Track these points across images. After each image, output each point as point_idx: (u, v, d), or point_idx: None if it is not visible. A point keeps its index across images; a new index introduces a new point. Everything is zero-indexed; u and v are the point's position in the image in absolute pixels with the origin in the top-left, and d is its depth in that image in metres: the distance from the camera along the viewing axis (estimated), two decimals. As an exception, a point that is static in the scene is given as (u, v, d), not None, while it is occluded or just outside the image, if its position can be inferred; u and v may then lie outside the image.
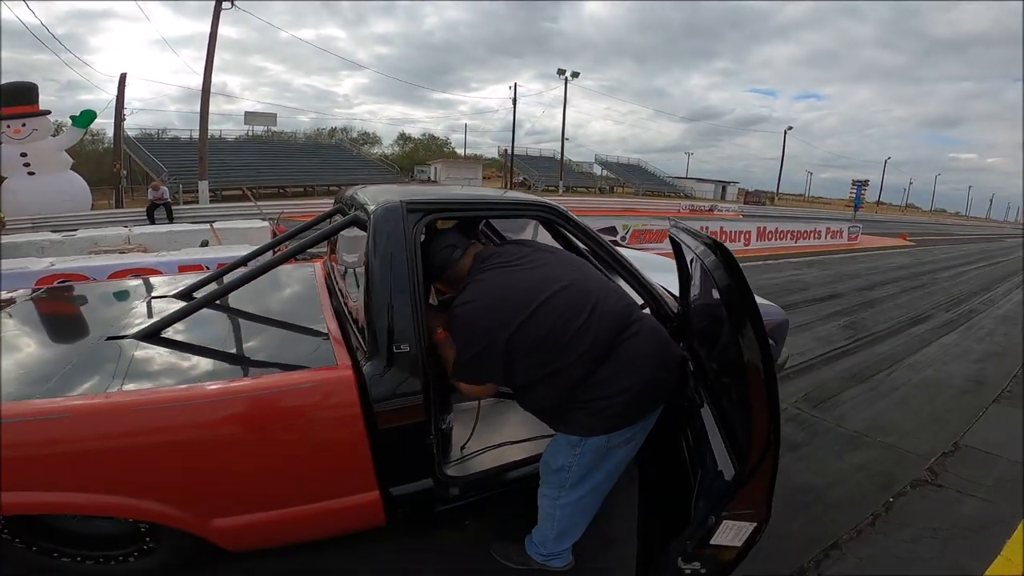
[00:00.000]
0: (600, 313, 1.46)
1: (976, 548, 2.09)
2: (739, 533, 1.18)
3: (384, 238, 1.56)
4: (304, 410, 1.52)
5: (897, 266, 11.40)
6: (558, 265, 1.58)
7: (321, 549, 1.84)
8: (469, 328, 1.45)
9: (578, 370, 1.43)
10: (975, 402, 3.64)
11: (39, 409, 1.37)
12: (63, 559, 1.63)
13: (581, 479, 1.57)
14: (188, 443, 1.45)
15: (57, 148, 13.99)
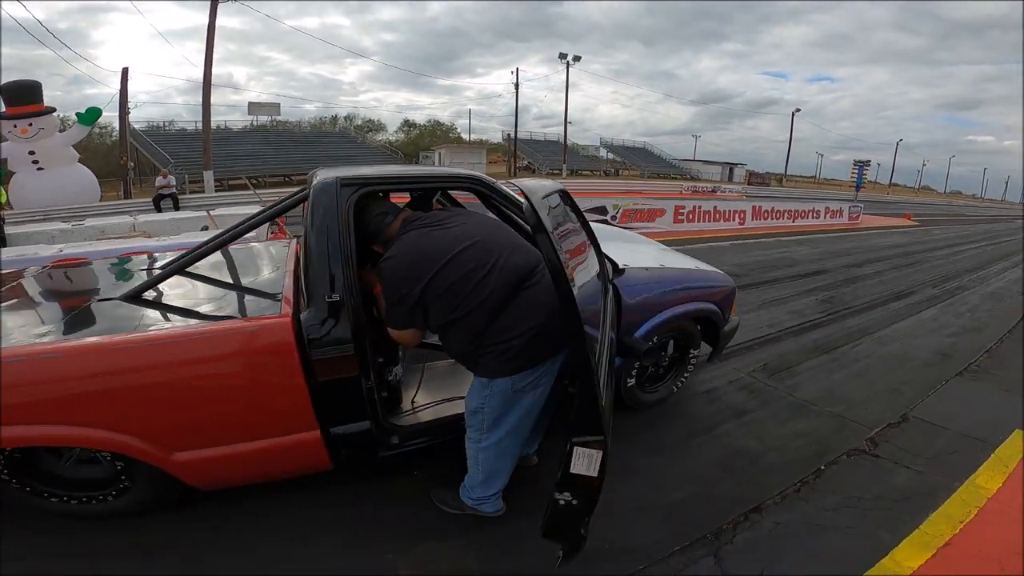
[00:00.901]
0: (501, 267, 1.68)
1: (894, 520, 2.13)
2: (591, 461, 1.35)
3: (321, 209, 1.81)
4: (250, 351, 1.75)
5: (893, 244, 11.38)
6: (472, 226, 1.79)
7: (280, 497, 2.09)
8: (391, 279, 1.68)
9: (481, 316, 1.65)
10: (937, 375, 3.69)
11: (37, 351, 1.64)
12: (52, 499, 1.91)
13: (495, 422, 1.77)
14: (153, 382, 1.69)
15: (64, 144, 14.26)
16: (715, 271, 3.09)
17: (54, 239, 7.14)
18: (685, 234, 10.27)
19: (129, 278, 2.60)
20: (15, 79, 13.83)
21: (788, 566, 1.86)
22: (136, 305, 2.01)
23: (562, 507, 1.46)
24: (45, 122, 13.75)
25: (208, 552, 1.89)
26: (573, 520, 1.49)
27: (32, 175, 13.54)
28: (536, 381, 1.72)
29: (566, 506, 1.46)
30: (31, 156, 13.53)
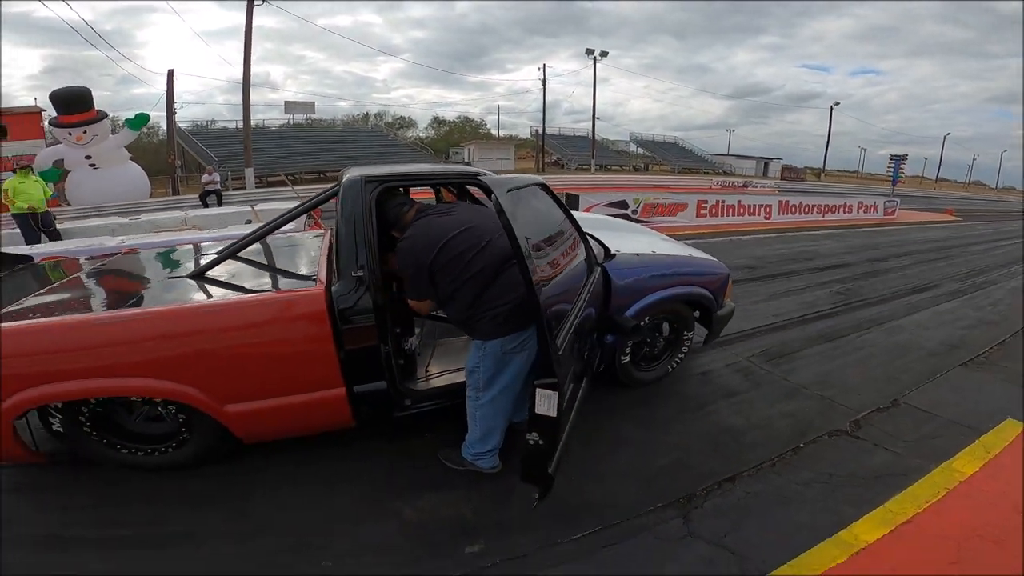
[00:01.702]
0: (492, 247, 2.02)
1: (861, 497, 2.21)
2: (550, 402, 1.60)
3: (349, 201, 2.18)
4: (291, 315, 2.11)
5: (927, 240, 11.04)
6: (468, 215, 2.16)
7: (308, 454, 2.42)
8: (405, 256, 2.04)
9: (475, 287, 1.99)
10: (940, 365, 3.69)
11: (124, 315, 2.09)
12: (122, 451, 2.27)
13: (489, 381, 2.08)
14: (213, 341, 2.05)
15: (116, 146, 15.18)
16: (709, 259, 3.27)
17: (114, 231, 7.88)
18: (707, 228, 10.28)
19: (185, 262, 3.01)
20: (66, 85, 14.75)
21: (750, 531, 2.00)
22: (200, 281, 2.40)
23: (531, 447, 1.71)
24: (98, 128, 14.64)
25: (246, 499, 2.20)
26: (541, 460, 1.74)
27: (88, 174, 14.47)
28: (523, 344, 2.02)
29: (535, 446, 1.71)
30: (88, 160, 14.45)
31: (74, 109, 14.24)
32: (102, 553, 1.92)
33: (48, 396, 2.00)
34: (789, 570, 1.82)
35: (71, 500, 2.20)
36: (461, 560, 1.87)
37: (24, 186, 7.84)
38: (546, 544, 1.93)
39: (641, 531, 2.01)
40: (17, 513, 2.14)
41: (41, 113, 15.84)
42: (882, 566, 1.85)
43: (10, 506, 2.17)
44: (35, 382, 1.97)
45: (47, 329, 2.04)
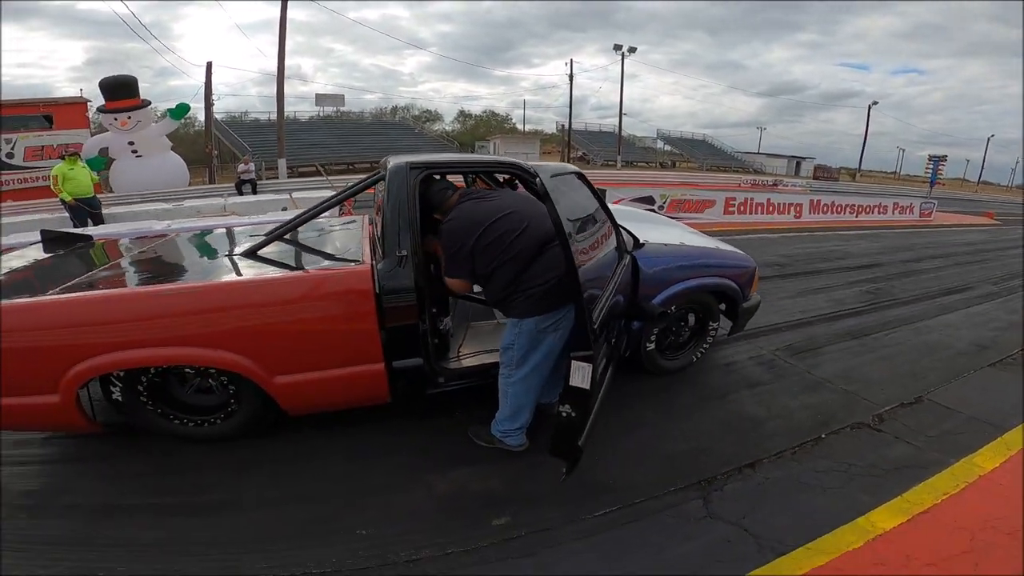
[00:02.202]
0: (531, 230, 2.14)
1: (879, 486, 2.26)
2: (583, 374, 1.69)
3: (394, 186, 2.30)
4: (338, 291, 2.24)
5: (964, 242, 10.69)
6: (510, 200, 2.28)
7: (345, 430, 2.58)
8: (448, 236, 2.16)
9: (514, 267, 2.10)
10: (967, 364, 3.66)
11: (188, 287, 2.29)
12: (175, 421, 2.42)
13: (523, 358, 2.19)
14: (266, 314, 2.18)
15: (158, 134, 15.85)
16: (736, 251, 3.31)
17: (158, 216, 8.29)
18: (735, 226, 10.17)
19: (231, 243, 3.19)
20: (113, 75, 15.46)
21: (769, 515, 2.07)
22: (253, 259, 2.56)
23: (564, 420, 1.81)
24: (143, 115, 15.34)
25: (284, 470, 2.33)
26: (572, 434, 1.84)
27: (131, 162, 15.10)
28: (556, 324, 2.13)
29: (567, 418, 1.81)
30: (131, 146, 15.09)
31: (120, 95, 14.93)
32: (152, 520, 2.04)
33: (116, 363, 2.12)
34: (806, 552, 1.88)
35: (123, 470, 2.34)
36: (489, 531, 1.97)
37: (72, 172, 8.26)
38: (571, 519, 2.03)
39: (662, 510, 2.10)
40: (72, 483, 2.27)
41: (87, 104, 16.50)
42: (897, 552, 1.90)
43: (64, 476, 2.33)
44: (104, 350, 2.09)
45: (117, 299, 2.20)
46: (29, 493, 2.22)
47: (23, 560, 1.86)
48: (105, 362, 2.10)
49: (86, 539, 1.95)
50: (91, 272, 2.69)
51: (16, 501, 2.16)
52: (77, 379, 2.09)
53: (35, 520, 2.05)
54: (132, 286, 2.50)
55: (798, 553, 1.88)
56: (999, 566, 1.85)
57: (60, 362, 2.07)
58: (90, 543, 1.93)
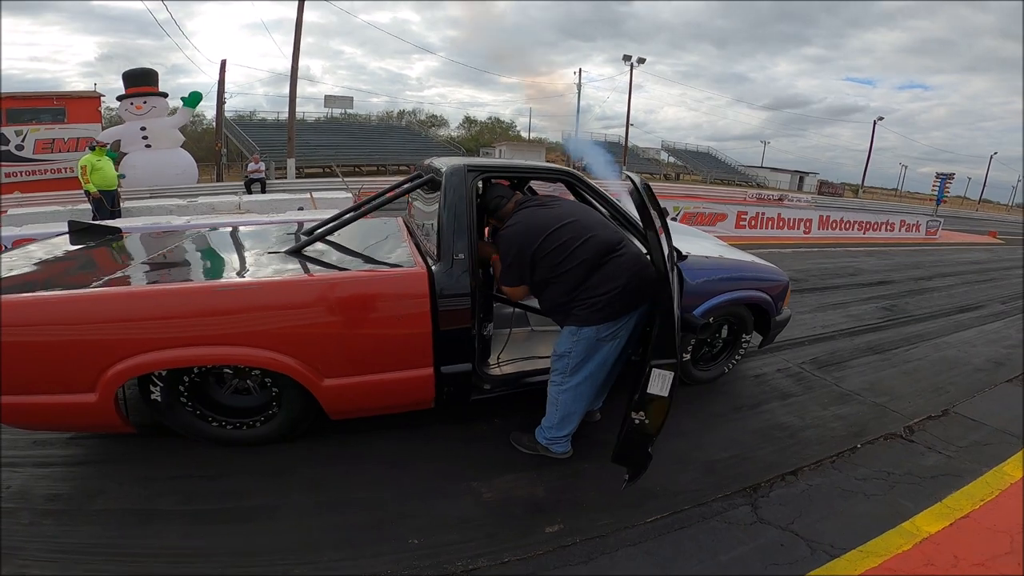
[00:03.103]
0: (594, 239, 2.15)
1: (918, 493, 2.35)
2: (664, 382, 1.73)
3: (452, 188, 2.29)
4: (395, 293, 2.21)
5: (970, 261, 10.79)
6: (571, 209, 2.30)
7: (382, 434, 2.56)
8: (509, 243, 2.18)
9: (577, 275, 2.11)
10: (986, 379, 3.77)
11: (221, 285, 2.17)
12: (213, 424, 2.34)
13: (578, 367, 2.19)
14: (318, 314, 2.13)
15: (173, 126, 15.93)
16: (770, 266, 3.38)
17: (172, 212, 8.33)
18: (747, 239, 10.14)
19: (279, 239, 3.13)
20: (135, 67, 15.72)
21: (816, 519, 2.14)
22: (299, 257, 2.48)
23: (636, 426, 1.83)
24: (158, 101, 15.53)
25: (323, 476, 2.27)
26: (643, 440, 1.87)
27: (142, 155, 15.09)
28: (615, 333, 2.15)
29: (640, 425, 1.82)
30: (142, 132, 15.11)
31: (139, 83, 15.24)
32: (190, 527, 1.95)
33: (164, 362, 2.03)
34: (859, 555, 1.94)
35: (156, 473, 2.25)
36: (543, 538, 1.97)
37: (100, 164, 8.35)
38: (622, 525, 2.05)
39: (711, 516, 2.14)
40: (102, 486, 2.17)
41: (100, 99, 16.56)
42: (945, 554, 1.97)
43: (93, 479, 2.23)
44: (151, 347, 1.99)
45: (167, 294, 2.09)
46: (55, 497, 2.10)
47: (56, 570, 1.75)
48: (151, 360, 2.01)
49: (122, 547, 1.86)
50: (130, 266, 2.61)
51: (41, 506, 2.05)
52: (118, 377, 2.00)
53: (65, 526, 1.95)
54: (178, 281, 2.38)
55: (851, 555, 1.94)
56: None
57: (102, 359, 1.98)
58: (126, 552, 1.84)
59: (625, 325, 2.16)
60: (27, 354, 1.94)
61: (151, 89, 15.38)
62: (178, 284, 2.28)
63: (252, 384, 2.33)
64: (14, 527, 1.93)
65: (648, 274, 2.13)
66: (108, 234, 3.36)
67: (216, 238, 3.32)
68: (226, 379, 2.32)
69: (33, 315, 1.93)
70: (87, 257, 2.88)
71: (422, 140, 37.06)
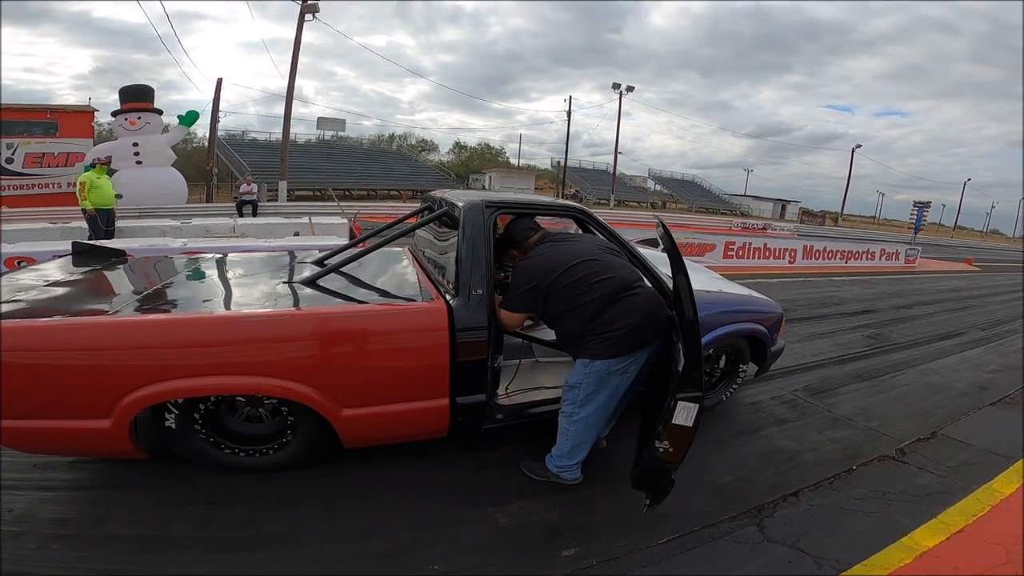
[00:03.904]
0: (611, 277, 2.24)
1: (914, 510, 2.48)
2: (689, 413, 1.81)
3: (471, 223, 2.37)
4: (414, 326, 2.28)
5: (949, 288, 11.21)
6: (590, 246, 2.40)
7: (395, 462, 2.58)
8: (528, 272, 2.26)
9: (591, 309, 2.19)
10: (971, 403, 3.97)
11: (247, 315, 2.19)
12: (225, 451, 2.34)
13: (588, 398, 2.28)
14: (341, 345, 2.18)
15: (165, 143, 15.92)
16: (765, 298, 3.54)
17: (164, 233, 8.30)
18: (734, 270, 10.37)
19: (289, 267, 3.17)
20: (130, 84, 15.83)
21: (820, 536, 2.24)
22: (315, 288, 2.51)
23: (660, 454, 1.91)
24: (152, 118, 15.55)
25: (339, 503, 2.29)
26: (666, 468, 1.95)
27: (133, 172, 14.84)
28: (626, 368, 2.24)
29: (664, 453, 1.90)
30: (134, 147, 15.00)
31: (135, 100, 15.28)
32: (206, 554, 1.95)
33: (185, 390, 2.05)
34: (863, 569, 2.05)
35: (167, 499, 2.24)
36: (561, 561, 2.02)
37: (99, 181, 8.34)
38: (636, 547, 2.11)
39: (720, 536, 2.22)
40: (112, 511, 2.15)
41: (93, 114, 16.56)
42: (945, 567, 2.09)
43: (102, 503, 2.21)
44: (173, 375, 2.01)
45: (190, 323, 2.12)
46: (62, 521, 2.08)
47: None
48: (172, 388, 2.03)
49: (139, 574, 1.85)
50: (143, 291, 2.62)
51: (47, 530, 2.02)
52: (136, 404, 2.00)
53: (76, 551, 1.93)
54: (202, 311, 2.40)
55: (856, 570, 2.04)
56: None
57: (120, 386, 1.99)
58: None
59: (636, 360, 2.24)
60: (44, 379, 1.95)
61: (146, 105, 15.46)
62: (203, 313, 2.31)
63: (264, 412, 2.35)
64: (21, 551, 1.91)
65: (661, 313, 2.24)
66: (112, 256, 3.36)
67: (226, 265, 3.34)
68: (238, 407, 2.33)
69: (53, 340, 1.96)
70: (100, 280, 2.90)
71: (413, 165, 37.44)
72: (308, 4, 18.48)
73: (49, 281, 2.62)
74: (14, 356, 1.90)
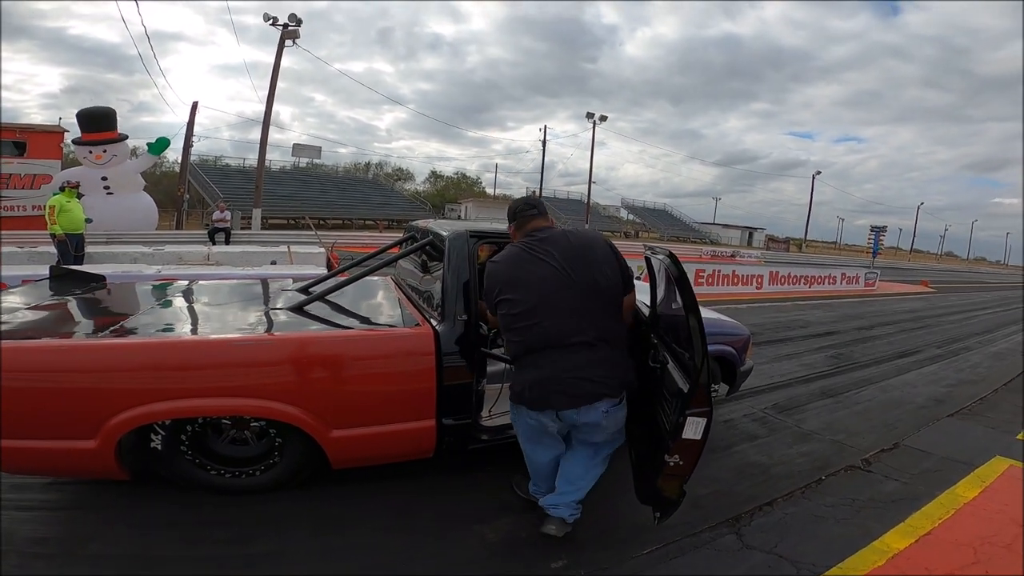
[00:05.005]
0: (538, 324, 1.98)
1: (883, 515, 2.61)
2: (697, 428, 1.87)
3: (456, 252, 2.49)
4: (403, 350, 2.36)
5: (907, 310, 11.81)
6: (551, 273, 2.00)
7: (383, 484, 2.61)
8: (487, 276, 2.14)
9: (513, 349, 2.10)
10: (930, 415, 4.24)
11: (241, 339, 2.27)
12: (211, 472, 2.35)
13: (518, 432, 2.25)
14: (333, 369, 2.26)
15: (135, 171, 15.45)
16: (734, 321, 3.75)
17: (136, 260, 8.14)
18: (705, 296, 10.72)
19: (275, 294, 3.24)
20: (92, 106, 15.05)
21: (795, 542, 2.35)
22: (303, 315, 2.58)
23: (671, 468, 1.96)
24: (118, 149, 14.85)
25: (326, 522, 2.30)
26: (678, 480, 2.01)
27: (101, 199, 14.26)
28: (539, 421, 2.07)
29: (675, 466, 1.96)
30: (103, 182, 14.46)
31: (97, 127, 14.49)
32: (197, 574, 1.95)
33: (174, 412, 2.08)
34: (840, 571, 2.17)
35: (152, 519, 2.23)
36: (549, 572, 2.07)
37: (69, 205, 8.17)
38: (622, 558, 2.18)
39: (702, 545, 2.32)
40: (95, 531, 2.14)
41: (63, 134, 16.01)
42: (916, 567, 2.22)
43: (83, 523, 2.21)
44: (162, 397, 2.04)
45: (183, 346, 2.18)
46: (43, 540, 2.07)
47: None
48: (162, 409, 2.06)
49: None
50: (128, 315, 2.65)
51: (29, 548, 2.01)
52: (123, 425, 2.02)
53: (59, 569, 1.92)
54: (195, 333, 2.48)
55: (832, 572, 2.16)
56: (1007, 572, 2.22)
57: (107, 407, 2.01)
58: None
59: (545, 419, 2.06)
60: (32, 400, 1.98)
61: (110, 135, 14.74)
62: (197, 337, 2.37)
63: (250, 435, 2.37)
64: (3, 569, 1.88)
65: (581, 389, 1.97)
66: (92, 281, 3.36)
67: (210, 291, 3.36)
68: (224, 429, 2.35)
69: (43, 361, 1.99)
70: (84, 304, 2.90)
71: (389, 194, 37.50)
72: (289, 30, 18.70)
73: (31, 305, 2.62)
74: (5, 377, 1.91)
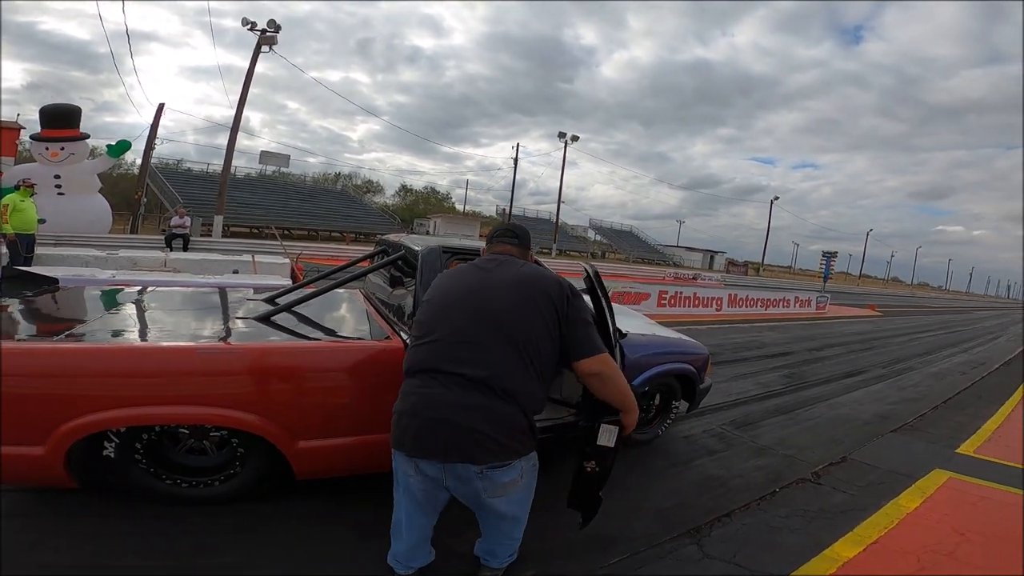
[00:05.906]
0: (432, 347, 1.73)
1: (832, 525, 2.77)
2: (611, 435, 1.98)
3: (428, 266, 2.53)
4: (372, 361, 2.35)
5: (855, 332, 12.50)
6: (473, 296, 1.75)
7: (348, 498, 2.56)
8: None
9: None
10: (874, 430, 4.54)
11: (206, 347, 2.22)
12: (167, 481, 2.28)
13: None
14: (300, 380, 2.23)
15: (91, 172, 14.65)
16: (694, 341, 3.92)
17: (87, 264, 7.76)
18: (668, 317, 11.01)
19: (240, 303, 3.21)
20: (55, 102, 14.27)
21: (753, 552, 2.46)
22: (270, 325, 2.57)
23: (587, 473, 2.05)
24: (76, 147, 14.07)
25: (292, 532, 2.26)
26: (594, 485, 2.09)
27: (52, 200, 13.42)
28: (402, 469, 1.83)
29: (591, 472, 2.04)
30: (55, 180, 13.67)
31: (60, 125, 13.80)
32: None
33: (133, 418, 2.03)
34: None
35: (104, 529, 2.15)
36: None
37: (23, 204, 7.86)
38: (589, 570, 2.23)
39: (665, 556, 2.40)
40: (43, 539, 2.06)
41: (20, 131, 15.21)
42: (864, 574, 2.37)
43: (29, 531, 2.10)
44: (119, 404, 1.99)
45: (146, 353, 2.14)
46: None
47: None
48: (118, 416, 2.00)
49: None
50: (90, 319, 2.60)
51: None
52: (75, 432, 1.96)
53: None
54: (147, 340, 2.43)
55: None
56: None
57: (58, 413, 1.94)
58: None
59: (404, 461, 1.79)
60: None
61: (71, 133, 14.07)
62: (157, 343, 2.31)
63: (209, 444, 2.33)
64: None
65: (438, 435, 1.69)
66: (45, 284, 3.33)
67: (170, 297, 3.31)
68: (181, 438, 2.30)
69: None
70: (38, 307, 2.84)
71: (357, 206, 36.98)
72: (267, 36, 18.41)
73: None
74: None
